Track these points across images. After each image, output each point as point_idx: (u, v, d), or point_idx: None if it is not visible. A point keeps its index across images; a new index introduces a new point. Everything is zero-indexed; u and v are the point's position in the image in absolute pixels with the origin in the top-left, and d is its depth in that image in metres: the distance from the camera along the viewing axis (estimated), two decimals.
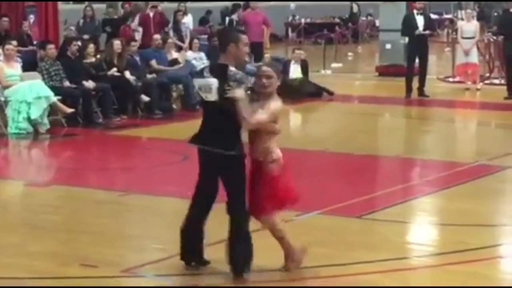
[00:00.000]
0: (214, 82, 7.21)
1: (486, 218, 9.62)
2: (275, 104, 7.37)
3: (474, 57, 21.10)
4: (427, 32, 20.15)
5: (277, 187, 7.40)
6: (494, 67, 22.52)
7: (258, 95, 7.45)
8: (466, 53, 20.88)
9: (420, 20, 19.86)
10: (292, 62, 20.16)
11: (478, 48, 21.70)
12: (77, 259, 7.90)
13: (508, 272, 8.01)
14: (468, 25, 21.43)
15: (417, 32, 19.75)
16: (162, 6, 24.02)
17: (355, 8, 39.32)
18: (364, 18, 38.84)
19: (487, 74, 22.44)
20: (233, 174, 7.29)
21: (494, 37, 22.60)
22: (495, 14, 26.87)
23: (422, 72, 20.03)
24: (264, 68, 7.60)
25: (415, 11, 20.31)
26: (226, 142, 7.21)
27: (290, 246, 7.55)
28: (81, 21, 22.02)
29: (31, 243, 8.53)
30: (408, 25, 20.02)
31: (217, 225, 7.44)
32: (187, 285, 7.33)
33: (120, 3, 24.47)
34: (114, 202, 10.21)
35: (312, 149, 13.68)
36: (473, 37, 21.05)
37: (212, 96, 7.23)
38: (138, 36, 21.46)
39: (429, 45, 20.77)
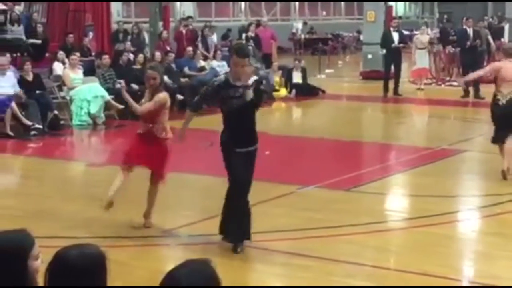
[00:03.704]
0: None
1: (446, 190, 9.58)
2: (161, 95, 7.68)
3: (426, 63, 21.29)
4: (401, 45, 20.08)
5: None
6: (453, 72, 22.43)
7: (149, 89, 7.78)
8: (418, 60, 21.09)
9: (395, 36, 19.82)
10: (294, 69, 20.05)
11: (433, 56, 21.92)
12: (126, 222, 7.90)
13: (463, 232, 8.02)
14: (421, 37, 21.57)
15: (393, 45, 19.67)
16: (193, 24, 23.89)
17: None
18: (351, 34, 38.62)
19: (448, 78, 22.35)
20: None
21: (453, 49, 22.54)
22: (453, 31, 26.67)
23: (397, 76, 19.93)
24: (149, 71, 7.78)
25: (391, 28, 20.29)
26: None
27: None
28: (129, 37, 21.94)
29: (89, 211, 8.53)
30: (386, 40, 19.95)
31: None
32: (211, 242, 7.32)
33: (161, 23, 24.24)
34: None
35: (310, 136, 13.64)
36: (425, 48, 21.11)
37: None
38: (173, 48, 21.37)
39: (402, 55, 20.68)
